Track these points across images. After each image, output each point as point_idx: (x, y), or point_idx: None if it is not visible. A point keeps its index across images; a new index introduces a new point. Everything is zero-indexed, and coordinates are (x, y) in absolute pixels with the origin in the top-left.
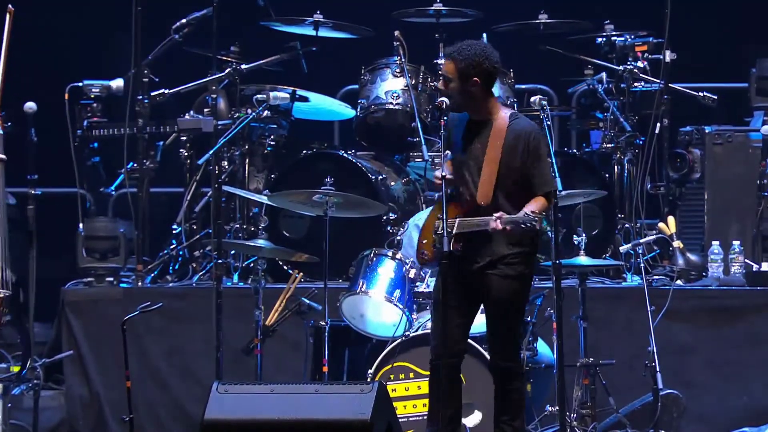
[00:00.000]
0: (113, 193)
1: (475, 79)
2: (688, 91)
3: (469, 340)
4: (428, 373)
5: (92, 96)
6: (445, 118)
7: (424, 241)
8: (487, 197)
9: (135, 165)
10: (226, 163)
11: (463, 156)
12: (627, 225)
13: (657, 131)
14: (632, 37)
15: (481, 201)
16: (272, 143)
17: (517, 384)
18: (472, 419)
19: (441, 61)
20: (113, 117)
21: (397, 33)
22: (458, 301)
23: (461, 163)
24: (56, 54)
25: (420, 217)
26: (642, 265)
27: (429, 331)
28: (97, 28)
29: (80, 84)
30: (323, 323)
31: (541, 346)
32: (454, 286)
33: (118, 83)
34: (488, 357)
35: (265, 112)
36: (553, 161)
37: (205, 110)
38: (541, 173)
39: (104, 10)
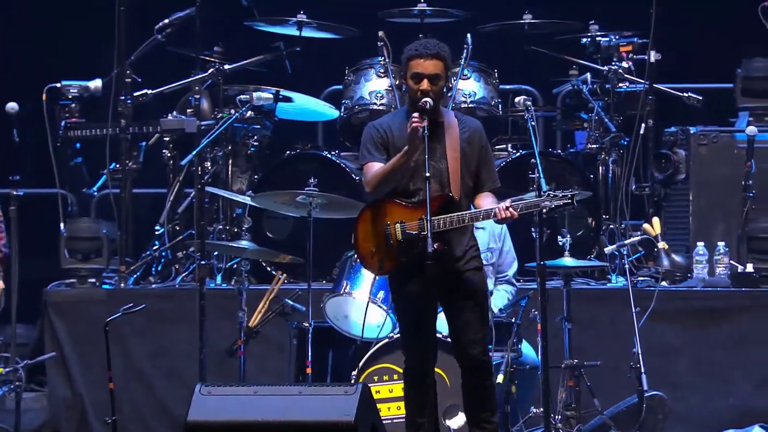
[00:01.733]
0: (95, 193)
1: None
2: (672, 91)
3: None
4: None
5: (70, 96)
6: (426, 120)
7: (373, 249)
8: (458, 192)
9: (117, 165)
10: (209, 163)
11: (422, 155)
12: (612, 226)
13: (642, 132)
14: (617, 37)
15: (455, 195)
16: (256, 144)
17: (491, 377)
18: (456, 421)
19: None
20: (93, 117)
21: (381, 33)
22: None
23: (418, 164)
24: (54, 54)
25: None
26: (627, 266)
27: None
28: (96, 28)
29: (58, 84)
30: (307, 324)
31: (526, 348)
32: (422, 289)
33: (96, 84)
34: (462, 355)
35: (249, 113)
36: (538, 162)
37: (189, 111)
38: (492, 169)
39: (102, 10)
